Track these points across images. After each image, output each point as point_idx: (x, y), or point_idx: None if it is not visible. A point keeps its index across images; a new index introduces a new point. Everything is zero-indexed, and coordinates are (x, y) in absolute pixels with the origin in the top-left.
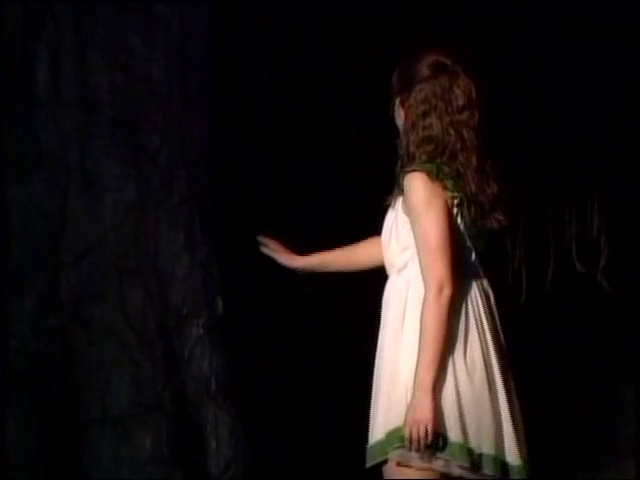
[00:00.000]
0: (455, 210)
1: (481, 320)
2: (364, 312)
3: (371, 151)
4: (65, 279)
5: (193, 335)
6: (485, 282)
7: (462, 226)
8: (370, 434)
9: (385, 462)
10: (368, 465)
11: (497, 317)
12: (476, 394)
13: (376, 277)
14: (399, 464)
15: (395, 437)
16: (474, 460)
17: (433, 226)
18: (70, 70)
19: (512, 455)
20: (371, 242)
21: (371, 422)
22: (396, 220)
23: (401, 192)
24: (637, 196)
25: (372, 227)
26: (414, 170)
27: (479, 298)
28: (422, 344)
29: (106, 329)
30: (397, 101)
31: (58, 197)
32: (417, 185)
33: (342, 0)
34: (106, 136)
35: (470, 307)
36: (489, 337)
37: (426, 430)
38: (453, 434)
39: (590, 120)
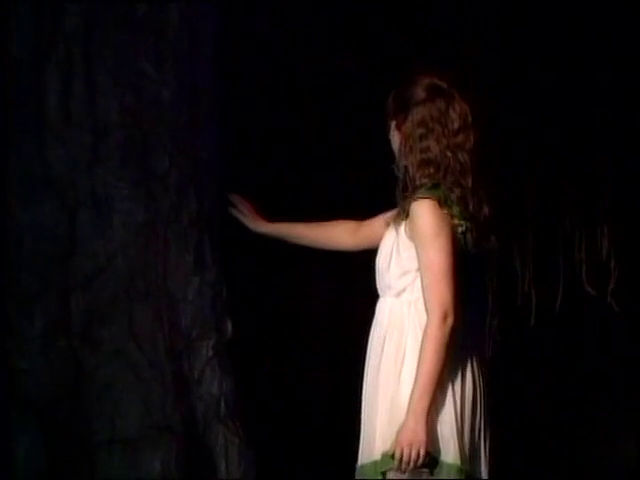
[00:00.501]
0: (459, 237)
1: (476, 345)
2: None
3: (372, 153)
4: (74, 301)
5: (202, 357)
6: (480, 308)
7: (465, 252)
8: (362, 453)
9: None
10: None
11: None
12: (469, 419)
13: None
14: None
15: (389, 457)
16: None
17: (440, 253)
18: (80, 92)
19: (484, 473)
20: (339, 225)
21: (364, 441)
22: (397, 243)
23: (405, 216)
24: None
25: None
26: (424, 197)
27: (475, 324)
28: (420, 368)
29: (115, 351)
30: (393, 124)
31: (67, 219)
32: (426, 212)
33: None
34: (115, 158)
35: (468, 332)
36: (480, 363)
37: (418, 452)
38: (451, 457)
39: (601, 142)
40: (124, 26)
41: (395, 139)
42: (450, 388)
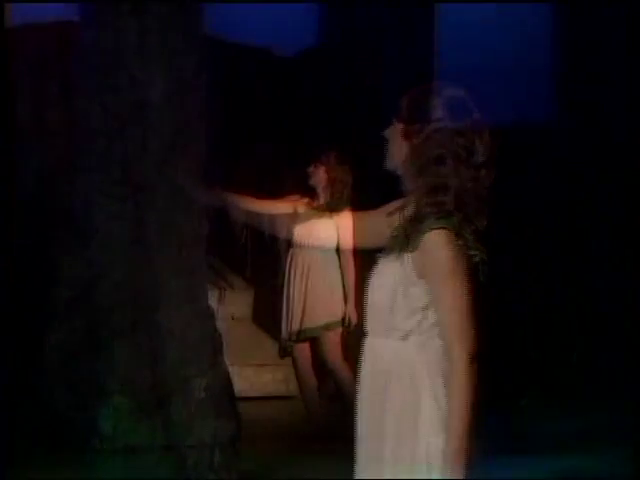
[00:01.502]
0: (475, 266)
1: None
2: None
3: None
4: (49, 334)
5: (194, 398)
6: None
7: (480, 283)
8: None
9: None
10: None
11: None
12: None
13: None
14: None
15: None
16: None
17: (462, 291)
18: (55, 96)
19: None
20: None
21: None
22: (403, 278)
23: (414, 248)
24: None
25: None
26: (439, 227)
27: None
28: (454, 420)
29: (96, 392)
30: (400, 127)
31: (40, 240)
32: (443, 245)
33: None
34: (97, 169)
35: None
36: None
37: None
38: None
39: None
40: (105, 23)
41: (398, 145)
42: None
